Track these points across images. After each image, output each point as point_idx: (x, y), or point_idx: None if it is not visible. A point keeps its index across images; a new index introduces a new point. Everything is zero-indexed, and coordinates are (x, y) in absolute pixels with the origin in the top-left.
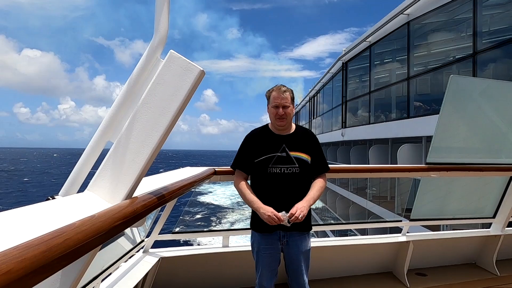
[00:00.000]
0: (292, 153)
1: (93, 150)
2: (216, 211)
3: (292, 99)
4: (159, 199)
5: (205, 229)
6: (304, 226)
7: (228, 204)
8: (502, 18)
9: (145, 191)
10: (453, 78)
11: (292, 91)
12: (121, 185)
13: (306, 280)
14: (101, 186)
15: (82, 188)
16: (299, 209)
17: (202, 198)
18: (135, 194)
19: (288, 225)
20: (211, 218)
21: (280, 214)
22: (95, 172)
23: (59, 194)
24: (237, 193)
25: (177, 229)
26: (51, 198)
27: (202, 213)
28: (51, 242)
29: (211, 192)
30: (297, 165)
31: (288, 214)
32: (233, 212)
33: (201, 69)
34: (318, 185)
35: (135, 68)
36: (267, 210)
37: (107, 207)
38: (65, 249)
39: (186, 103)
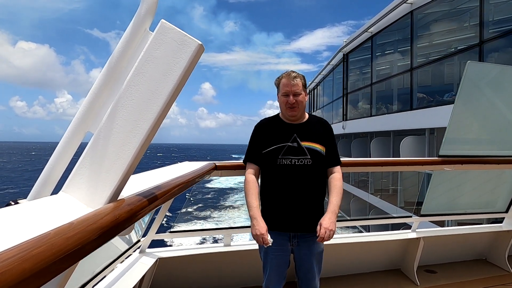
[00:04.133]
0: (304, 143)
1: (69, 144)
2: (220, 202)
3: (304, 85)
4: (151, 201)
5: (205, 228)
6: (316, 225)
7: (231, 185)
8: (506, 7)
9: (134, 191)
10: (470, 64)
11: (303, 76)
12: (103, 185)
13: (318, 284)
14: (79, 187)
15: (56, 190)
16: (327, 228)
17: (208, 184)
18: (122, 195)
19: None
20: (214, 212)
21: (268, 238)
22: (72, 170)
23: (26, 198)
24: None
25: (175, 228)
26: (13, 203)
27: (204, 206)
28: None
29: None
30: (309, 156)
31: (318, 237)
32: (238, 202)
33: (200, 42)
34: (336, 188)
35: (119, 43)
36: (259, 227)
37: (85, 213)
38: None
39: (182, 84)
